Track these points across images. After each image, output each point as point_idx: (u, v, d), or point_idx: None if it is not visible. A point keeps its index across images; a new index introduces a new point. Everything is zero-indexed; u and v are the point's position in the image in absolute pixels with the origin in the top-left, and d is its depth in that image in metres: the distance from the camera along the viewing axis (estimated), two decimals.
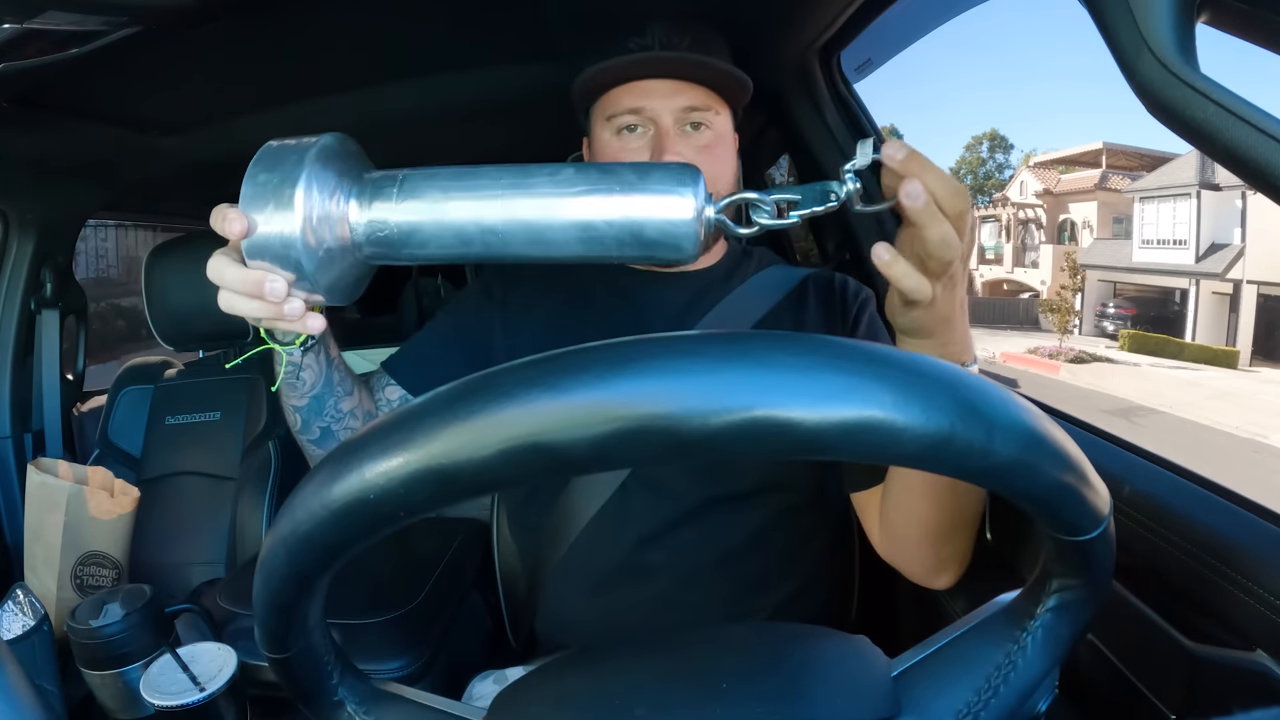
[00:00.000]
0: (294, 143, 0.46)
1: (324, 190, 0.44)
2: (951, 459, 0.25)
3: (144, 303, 1.39)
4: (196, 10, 0.68)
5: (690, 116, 0.70)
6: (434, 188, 0.45)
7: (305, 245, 0.44)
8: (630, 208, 0.43)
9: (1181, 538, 0.50)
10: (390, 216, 0.45)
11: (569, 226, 0.43)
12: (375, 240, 0.46)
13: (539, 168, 0.45)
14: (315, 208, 0.44)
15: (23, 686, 0.31)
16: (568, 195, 0.43)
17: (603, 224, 0.43)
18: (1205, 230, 13.88)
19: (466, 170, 0.45)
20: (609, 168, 0.44)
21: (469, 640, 1.09)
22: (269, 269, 0.45)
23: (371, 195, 0.45)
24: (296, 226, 0.43)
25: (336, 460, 0.26)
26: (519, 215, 0.44)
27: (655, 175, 0.43)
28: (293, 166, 0.44)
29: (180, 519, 1.32)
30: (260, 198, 0.44)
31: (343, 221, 0.46)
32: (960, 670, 0.34)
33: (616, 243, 0.43)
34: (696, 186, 0.43)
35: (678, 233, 0.43)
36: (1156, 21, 0.39)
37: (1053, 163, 21.44)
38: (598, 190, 0.43)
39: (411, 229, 0.45)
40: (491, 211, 0.44)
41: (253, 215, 0.44)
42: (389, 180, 0.46)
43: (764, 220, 0.45)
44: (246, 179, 0.44)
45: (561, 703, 0.35)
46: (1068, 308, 18.02)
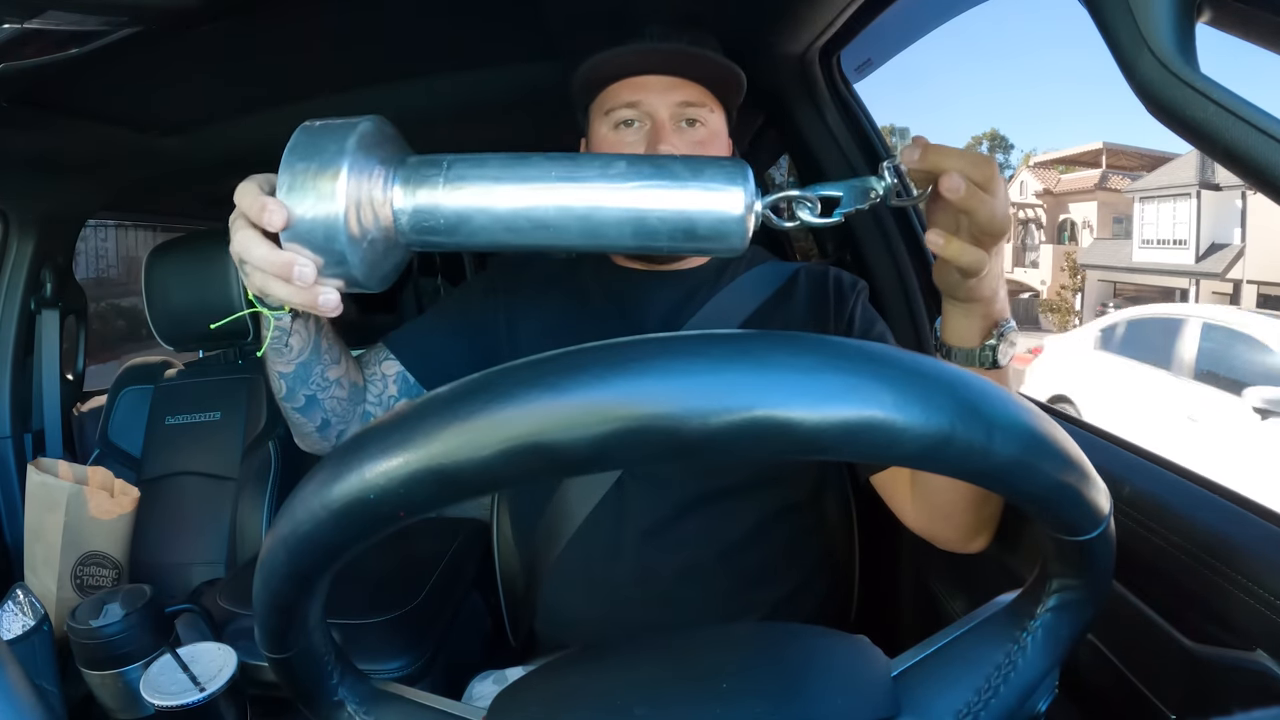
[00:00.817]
0: (333, 126, 0.44)
1: (367, 177, 0.43)
2: (951, 459, 0.25)
3: (144, 303, 1.39)
4: (196, 10, 0.68)
5: (686, 112, 0.71)
6: (482, 175, 0.44)
7: (349, 236, 0.43)
8: (683, 201, 0.43)
9: (1181, 538, 0.50)
10: (438, 204, 0.44)
11: (622, 219, 0.43)
12: (420, 228, 0.44)
13: (589, 158, 0.44)
14: (359, 196, 0.43)
15: (23, 686, 0.31)
16: (620, 188, 0.43)
17: (655, 217, 0.43)
18: (1205, 230, 13.88)
19: (513, 157, 0.44)
20: (660, 161, 0.44)
21: (469, 640, 1.09)
22: (301, 251, 0.43)
23: (417, 182, 0.44)
24: (340, 216, 0.42)
25: (336, 460, 0.26)
26: (571, 206, 0.43)
27: (708, 170, 0.43)
28: (334, 154, 0.42)
29: (180, 519, 1.32)
30: (301, 186, 0.42)
31: (386, 208, 0.44)
32: (960, 670, 0.34)
33: (668, 235, 0.43)
34: (747, 182, 0.43)
35: (729, 227, 0.43)
36: (1156, 21, 0.39)
37: (1052, 163, 21.43)
38: (651, 184, 0.43)
39: (460, 217, 0.44)
40: (542, 201, 0.43)
41: (292, 204, 0.42)
42: (433, 166, 0.44)
43: (807, 216, 0.46)
44: (284, 166, 0.43)
45: (561, 703, 0.35)
46: (1068, 308, 18.02)
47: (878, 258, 1.07)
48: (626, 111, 0.71)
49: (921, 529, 0.67)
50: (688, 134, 0.71)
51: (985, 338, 0.52)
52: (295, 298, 0.45)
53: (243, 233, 0.45)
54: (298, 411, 0.62)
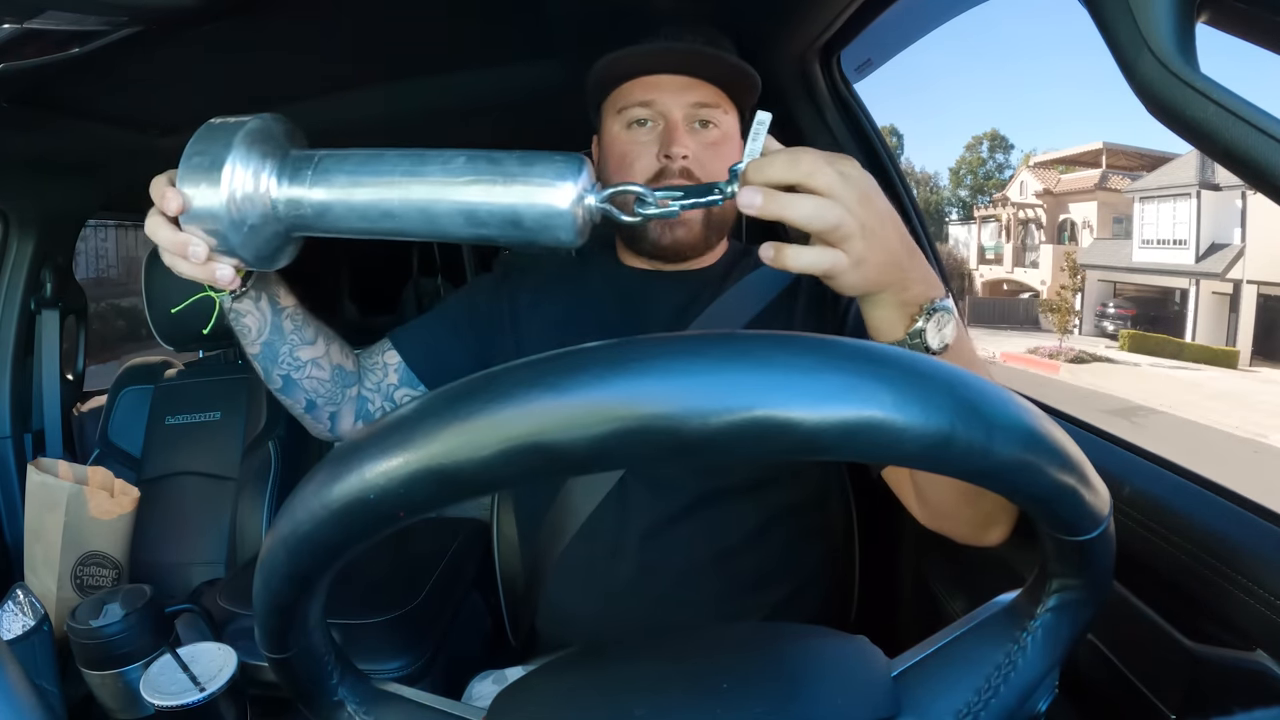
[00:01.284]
0: (227, 124, 0.50)
1: (248, 169, 0.49)
2: (951, 459, 0.25)
3: (144, 303, 1.39)
4: (196, 10, 0.68)
5: (699, 113, 0.72)
6: (342, 171, 0.49)
7: (230, 219, 0.49)
8: (511, 195, 0.46)
9: (1181, 538, 0.50)
10: (304, 196, 0.50)
11: (455, 212, 0.47)
12: (292, 216, 0.51)
13: (436, 154, 0.48)
14: (239, 186, 0.49)
15: (23, 686, 0.31)
16: (455, 183, 0.47)
17: (485, 211, 0.46)
18: (1205, 230, 13.88)
19: (375, 153, 0.49)
20: (497, 157, 0.47)
21: (469, 640, 1.09)
22: (196, 234, 0.51)
23: (290, 175, 0.50)
24: (221, 202, 0.49)
25: (336, 460, 0.26)
26: (413, 199, 0.48)
27: (538, 166, 0.46)
28: (222, 147, 0.49)
29: (180, 519, 1.32)
30: (193, 174, 0.49)
31: (265, 198, 0.50)
32: (960, 670, 0.34)
33: (499, 227, 0.47)
34: (577, 177, 0.46)
35: (554, 221, 0.46)
36: (1156, 21, 0.39)
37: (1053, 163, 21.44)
38: (481, 179, 0.46)
39: (322, 208, 0.50)
40: (390, 195, 0.48)
41: (186, 190, 0.49)
42: (305, 162, 0.50)
43: (646, 211, 0.48)
44: (183, 158, 0.50)
45: (561, 703, 0.35)
46: (1068, 308, 18.02)
47: None
48: (640, 110, 0.71)
49: (933, 524, 0.66)
50: (701, 135, 0.72)
51: (909, 324, 0.48)
52: (196, 274, 0.53)
53: (152, 218, 0.52)
54: (281, 393, 0.67)
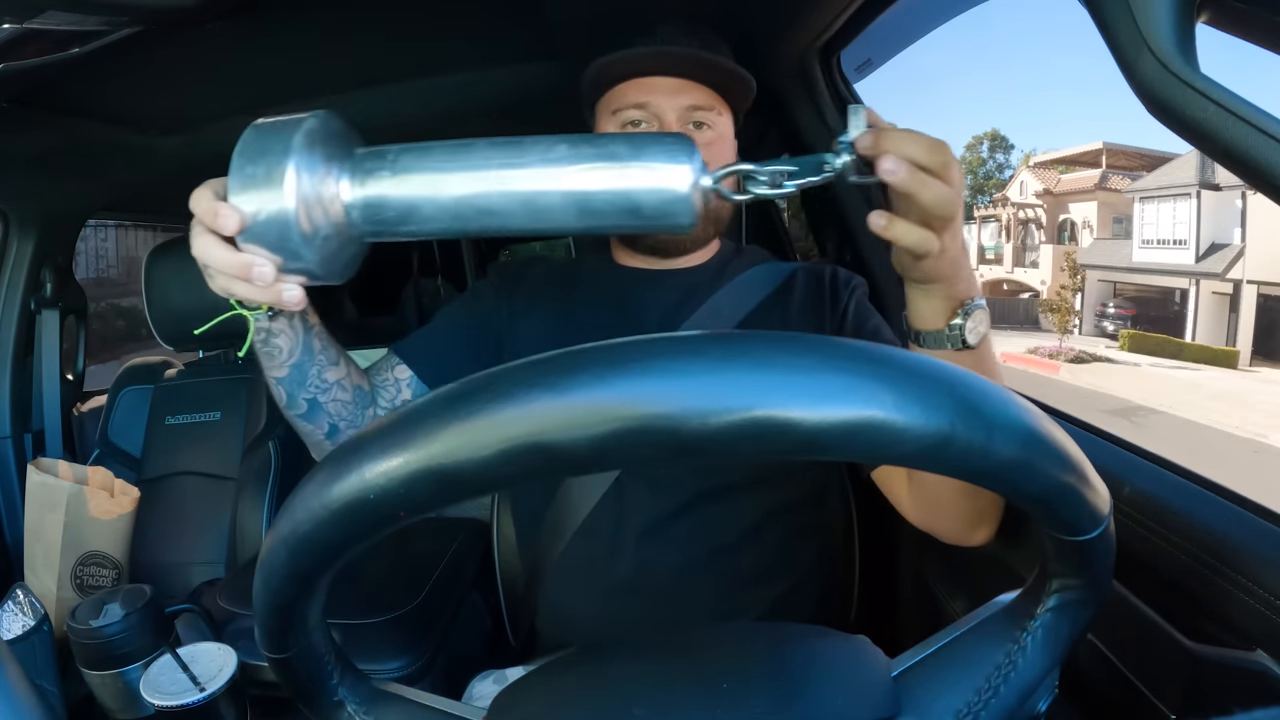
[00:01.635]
0: (279, 124, 0.44)
1: (314, 174, 0.43)
2: (951, 459, 0.25)
3: (144, 303, 1.39)
4: (196, 10, 0.68)
5: (694, 115, 0.71)
6: (426, 166, 0.44)
7: (302, 233, 0.43)
8: (626, 181, 0.42)
9: (1181, 538, 0.50)
10: (385, 197, 0.44)
11: (566, 203, 0.43)
12: (372, 220, 0.45)
13: (532, 141, 0.44)
14: (307, 193, 0.43)
15: (23, 686, 0.31)
16: (563, 170, 0.43)
17: (599, 200, 0.43)
18: (1205, 230, 13.88)
19: (458, 145, 0.45)
20: (601, 140, 0.44)
21: (469, 640, 1.09)
22: (259, 252, 0.44)
23: (365, 175, 0.44)
24: (290, 214, 0.43)
25: (336, 460, 0.26)
26: (514, 190, 0.43)
27: (650, 148, 0.43)
28: (280, 152, 0.43)
29: (180, 519, 1.32)
30: (250, 185, 0.43)
31: (336, 202, 0.44)
32: (960, 670, 0.34)
33: (614, 215, 0.43)
34: (692, 158, 0.43)
35: (675, 207, 0.42)
36: (1156, 21, 0.39)
37: (1053, 163, 21.44)
38: (593, 165, 0.42)
39: (407, 209, 0.44)
40: (487, 187, 0.43)
41: (243, 204, 0.43)
42: (378, 159, 0.45)
43: (759, 190, 0.45)
44: (233, 170, 0.43)
45: (561, 703, 0.35)
46: (1068, 308, 18.02)
47: (877, 256, 1.07)
48: (634, 112, 0.71)
49: (921, 522, 0.66)
50: (695, 136, 0.71)
51: (950, 317, 0.51)
52: (259, 296, 0.46)
53: (201, 238, 0.46)
54: (302, 419, 0.62)
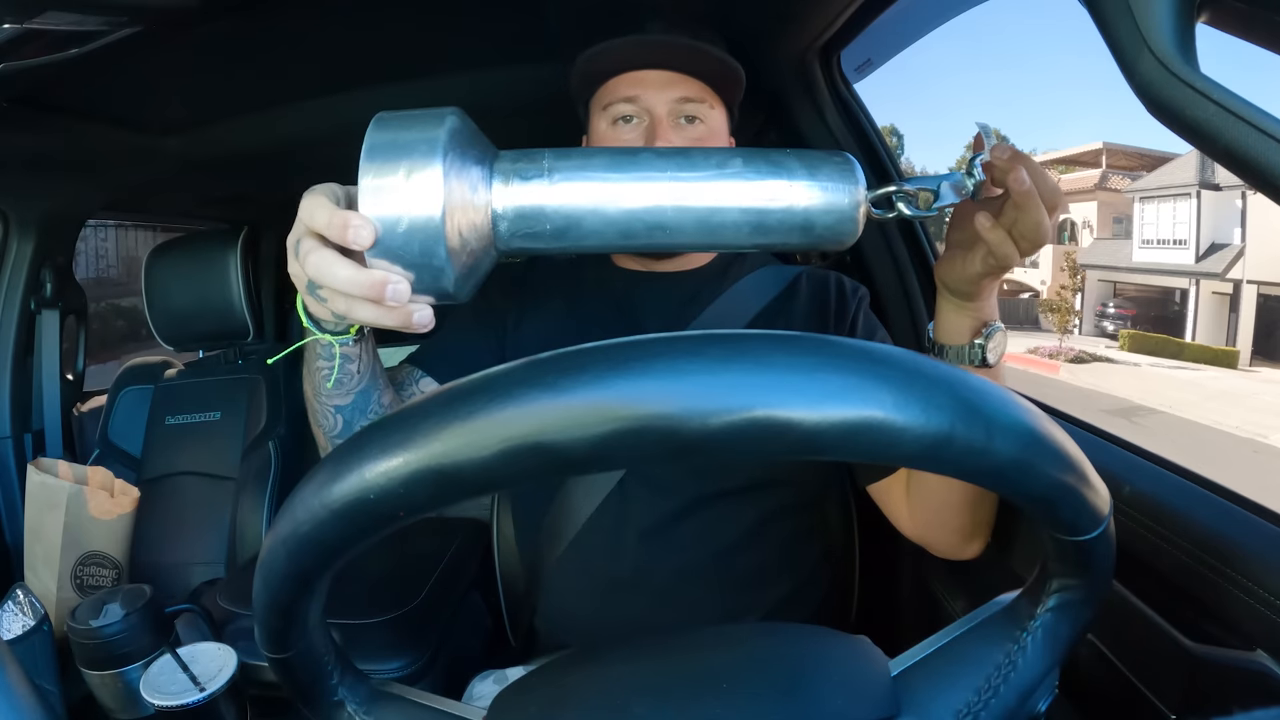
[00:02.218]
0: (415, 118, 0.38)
1: (465, 178, 0.38)
2: (951, 459, 0.25)
3: (144, 303, 1.39)
4: (196, 10, 0.68)
5: (684, 108, 0.71)
6: (589, 173, 0.40)
7: (449, 247, 0.37)
8: (802, 199, 0.41)
9: (1181, 538, 0.50)
10: (543, 205, 0.39)
11: (742, 221, 0.41)
12: (523, 233, 0.40)
13: (703, 154, 0.41)
14: (457, 201, 0.37)
15: (23, 686, 0.31)
16: (739, 186, 0.40)
17: (775, 218, 0.41)
18: (1205, 230, 13.88)
19: (619, 152, 0.41)
20: (774, 157, 0.42)
21: (469, 640, 1.09)
22: (390, 268, 0.38)
23: (518, 182, 0.39)
24: (439, 226, 0.36)
25: (336, 460, 0.26)
26: (689, 205, 0.40)
27: (823, 167, 0.42)
28: (425, 155, 0.37)
29: (180, 519, 1.32)
30: (389, 194, 0.37)
31: (485, 213, 0.39)
32: (960, 670, 0.34)
33: (784, 234, 0.42)
34: (860, 177, 0.42)
35: (845, 226, 0.42)
36: (1156, 21, 0.39)
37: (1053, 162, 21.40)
38: (769, 182, 0.41)
39: (568, 220, 0.40)
40: (659, 200, 0.40)
41: (380, 212, 0.37)
42: (532, 163, 0.40)
43: (905, 209, 0.45)
44: (365, 172, 0.37)
45: (561, 703, 0.35)
46: (1068, 308, 18.01)
47: (878, 261, 1.07)
48: (624, 107, 0.71)
49: (917, 536, 0.67)
50: (686, 131, 0.71)
51: (975, 335, 0.55)
52: (385, 320, 0.39)
53: (317, 254, 0.39)
54: None
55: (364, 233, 0.37)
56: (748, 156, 0.41)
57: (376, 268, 0.38)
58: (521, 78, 1.12)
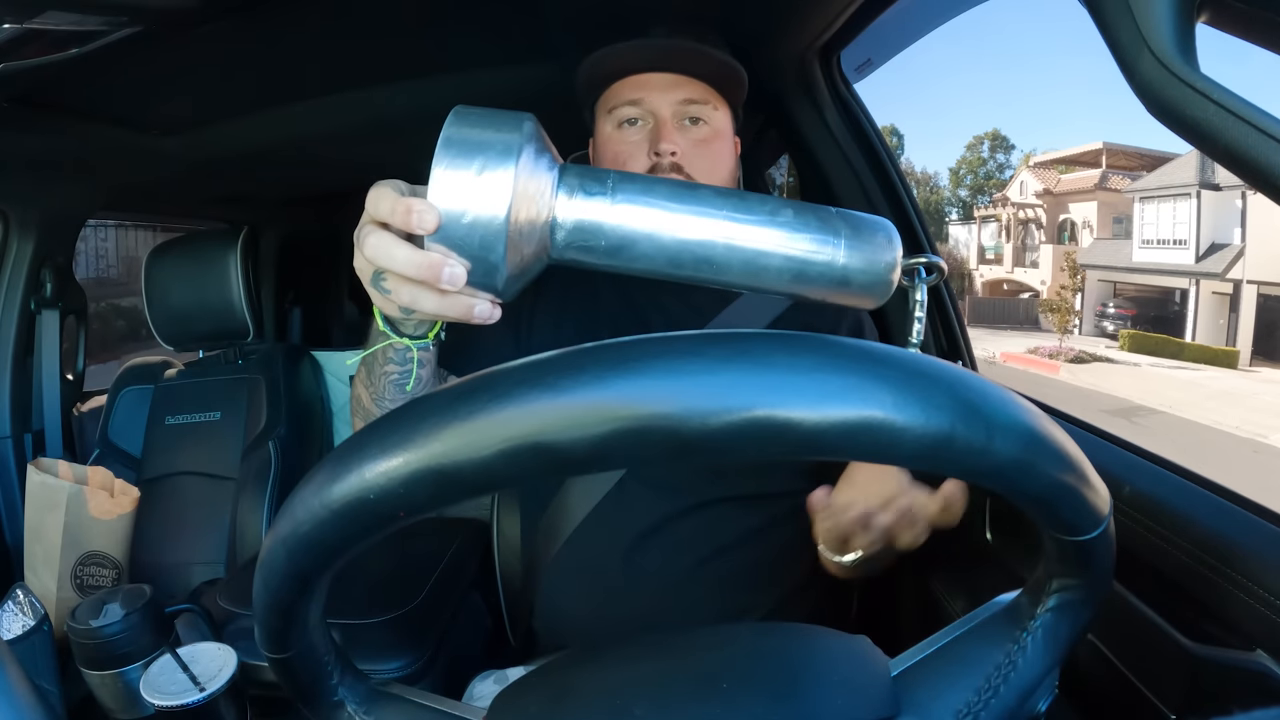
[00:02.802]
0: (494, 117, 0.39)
1: (535, 181, 0.39)
2: (951, 459, 0.25)
3: (144, 303, 1.39)
4: (196, 10, 0.68)
5: (689, 110, 0.71)
6: (651, 200, 0.41)
7: (507, 244, 0.38)
8: (846, 259, 0.42)
9: (1181, 538, 0.50)
10: (603, 222, 0.40)
11: (784, 267, 0.42)
12: (578, 245, 0.41)
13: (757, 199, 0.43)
14: (524, 202, 0.38)
15: (23, 686, 0.31)
16: (787, 236, 0.42)
17: (816, 271, 0.42)
18: (1205, 230, 13.88)
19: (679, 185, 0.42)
20: (824, 214, 0.43)
21: (469, 640, 1.09)
22: (446, 252, 0.38)
23: (582, 195, 0.40)
24: (502, 222, 0.37)
25: (336, 460, 0.26)
26: (739, 245, 0.41)
27: (865, 229, 0.43)
28: (502, 150, 0.37)
29: (180, 519, 1.32)
30: (461, 184, 0.37)
31: (546, 218, 0.40)
32: (960, 670, 0.34)
33: (822, 286, 0.43)
34: (897, 244, 0.44)
35: (879, 290, 0.43)
36: (1156, 21, 0.39)
37: (1053, 163, 21.44)
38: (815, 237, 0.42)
39: (624, 240, 0.41)
40: (711, 236, 0.41)
41: (447, 205, 0.37)
42: (598, 181, 0.41)
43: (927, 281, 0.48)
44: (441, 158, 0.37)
45: (561, 702, 0.35)
46: (1068, 308, 18.03)
47: None
48: (629, 109, 0.71)
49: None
50: (690, 132, 0.71)
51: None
52: (448, 309, 0.40)
53: (376, 236, 0.39)
54: None
55: (429, 217, 0.37)
56: (799, 209, 0.43)
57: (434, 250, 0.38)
58: (522, 78, 1.13)
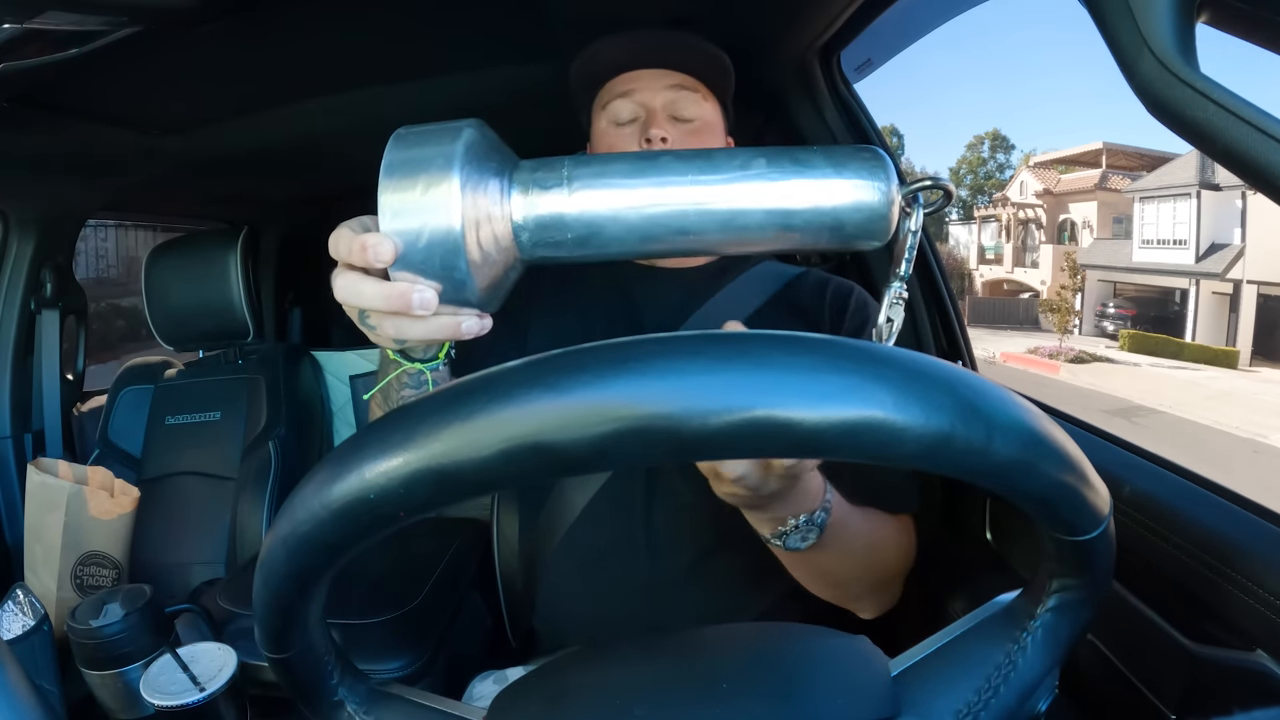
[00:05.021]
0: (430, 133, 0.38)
1: (482, 190, 0.38)
2: (951, 459, 0.25)
3: (144, 303, 1.39)
4: (196, 10, 0.68)
5: (678, 97, 0.72)
6: (608, 179, 0.39)
7: (470, 260, 0.37)
8: (830, 198, 0.39)
9: (1181, 538, 0.50)
10: (563, 214, 0.39)
11: (767, 222, 0.39)
12: (545, 242, 0.40)
13: (724, 154, 0.40)
14: (476, 213, 0.37)
15: (23, 686, 0.31)
16: (763, 186, 0.39)
17: (802, 218, 0.39)
18: (1205, 230, 13.88)
19: (638, 157, 0.41)
20: (799, 155, 0.40)
21: (469, 640, 1.09)
22: (412, 278, 0.38)
23: (537, 191, 0.39)
24: (458, 238, 0.37)
25: (336, 460, 0.26)
26: (712, 208, 0.39)
27: (850, 164, 0.40)
28: (441, 168, 0.37)
29: (180, 519, 1.32)
30: (408, 210, 0.37)
31: (505, 223, 0.39)
32: (960, 670, 0.34)
33: (813, 233, 0.40)
34: (890, 173, 0.40)
35: (877, 225, 0.40)
36: (1156, 21, 0.39)
37: (1053, 163, 21.44)
38: (793, 181, 0.39)
39: (590, 227, 0.39)
40: (680, 203, 0.39)
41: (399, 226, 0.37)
42: (551, 171, 0.40)
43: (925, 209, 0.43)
44: (384, 188, 0.37)
45: (561, 703, 0.35)
46: (1068, 308, 18.02)
47: (879, 261, 1.07)
48: (621, 103, 0.73)
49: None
50: (681, 125, 0.73)
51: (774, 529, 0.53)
52: (434, 332, 0.40)
53: (344, 275, 0.39)
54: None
55: (384, 249, 0.37)
56: (771, 156, 0.40)
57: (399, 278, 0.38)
58: (522, 78, 1.12)
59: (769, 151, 0.40)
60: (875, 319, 0.75)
